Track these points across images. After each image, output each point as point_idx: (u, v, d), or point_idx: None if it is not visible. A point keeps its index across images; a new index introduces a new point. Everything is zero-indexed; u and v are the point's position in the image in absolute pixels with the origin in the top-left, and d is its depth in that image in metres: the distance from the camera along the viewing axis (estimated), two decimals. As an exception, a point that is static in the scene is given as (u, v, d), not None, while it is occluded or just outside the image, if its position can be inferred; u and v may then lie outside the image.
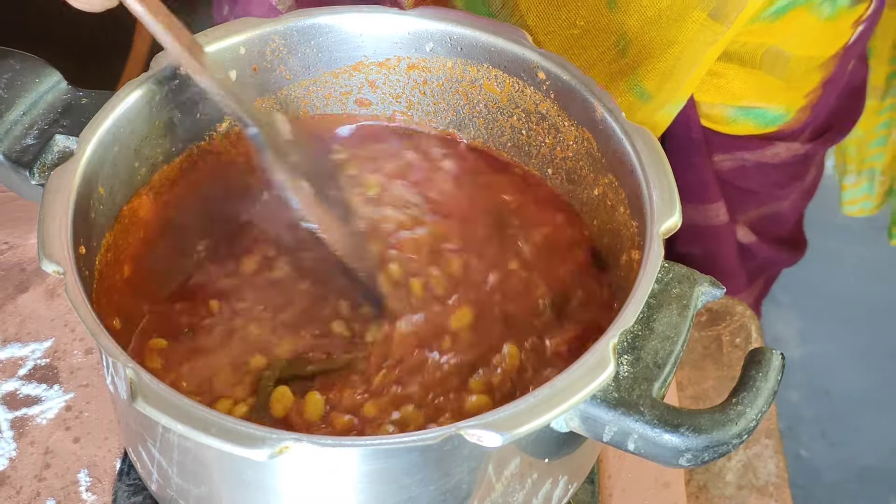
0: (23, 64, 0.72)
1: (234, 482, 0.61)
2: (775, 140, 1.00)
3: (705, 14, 0.84)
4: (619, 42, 0.86)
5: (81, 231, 0.64)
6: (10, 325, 0.84)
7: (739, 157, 1.00)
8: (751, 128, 0.98)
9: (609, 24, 0.85)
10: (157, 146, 0.72)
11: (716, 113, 0.96)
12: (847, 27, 0.94)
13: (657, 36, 0.85)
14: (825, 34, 0.94)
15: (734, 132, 0.98)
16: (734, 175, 1.01)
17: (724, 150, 1.00)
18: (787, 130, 1.00)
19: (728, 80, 0.94)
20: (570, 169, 0.74)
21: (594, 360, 0.58)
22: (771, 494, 0.79)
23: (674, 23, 0.85)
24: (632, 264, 0.66)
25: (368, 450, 0.57)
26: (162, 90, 0.71)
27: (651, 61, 0.87)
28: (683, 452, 0.58)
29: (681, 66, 0.87)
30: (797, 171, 1.05)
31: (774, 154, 1.01)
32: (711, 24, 0.85)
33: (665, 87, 0.88)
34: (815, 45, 0.94)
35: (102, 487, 0.76)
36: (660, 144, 0.67)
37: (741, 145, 1.00)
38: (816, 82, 0.97)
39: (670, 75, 0.87)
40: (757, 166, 1.01)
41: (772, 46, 0.92)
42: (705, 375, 0.85)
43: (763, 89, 0.95)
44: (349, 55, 0.77)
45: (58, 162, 0.68)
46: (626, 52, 0.86)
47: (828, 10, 0.91)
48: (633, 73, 0.87)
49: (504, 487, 0.62)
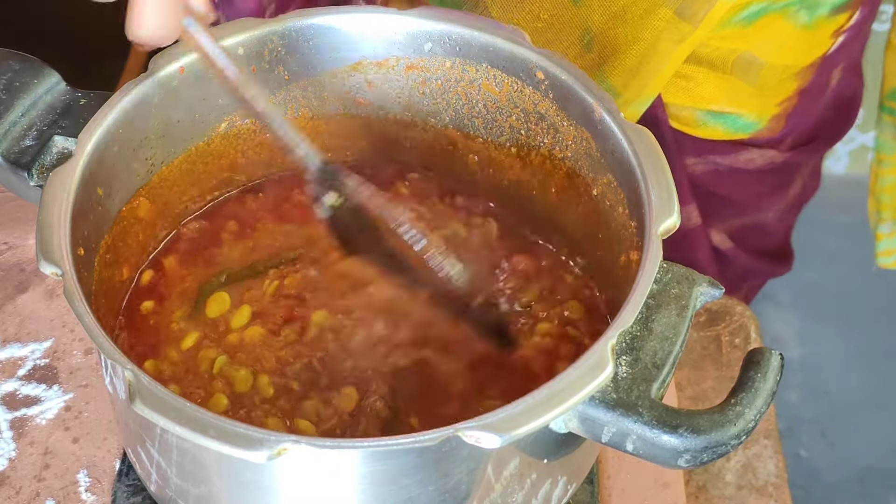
0: (22, 65, 0.72)
1: (232, 483, 0.61)
2: (748, 146, 0.98)
3: (671, 11, 0.83)
4: (584, 37, 0.85)
5: (80, 232, 0.64)
6: (10, 326, 0.84)
7: (711, 161, 0.98)
8: (720, 133, 0.96)
9: (573, 18, 0.84)
10: (157, 147, 0.72)
11: (685, 115, 0.95)
12: (826, 37, 0.92)
13: (622, 32, 0.85)
14: (802, 43, 0.92)
15: (704, 136, 0.96)
16: (707, 179, 0.99)
17: (696, 154, 0.98)
18: (762, 139, 0.98)
19: (697, 84, 0.92)
20: (569, 169, 0.74)
21: (593, 360, 0.58)
22: (770, 495, 0.79)
23: (639, 19, 0.84)
24: (630, 265, 0.66)
25: (367, 451, 0.57)
26: (161, 91, 0.71)
27: (617, 57, 0.86)
28: (682, 453, 0.58)
29: (647, 64, 0.86)
30: (779, 180, 1.03)
31: (748, 160, 0.98)
32: (678, 22, 0.83)
33: (631, 85, 0.87)
34: (791, 54, 0.92)
35: (102, 488, 0.76)
36: (658, 145, 0.67)
37: (712, 149, 0.98)
38: (791, 91, 0.95)
39: (636, 73, 0.86)
40: (730, 171, 0.99)
41: (744, 52, 0.90)
42: (704, 376, 0.85)
43: (733, 95, 0.93)
44: (348, 55, 0.77)
45: (56, 163, 0.68)
46: (592, 48, 0.85)
47: (805, 18, 0.89)
48: (600, 69, 0.87)
49: (503, 488, 0.62)
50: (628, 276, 0.65)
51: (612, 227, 0.71)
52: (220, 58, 0.64)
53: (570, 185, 0.75)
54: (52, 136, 0.69)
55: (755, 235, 1.07)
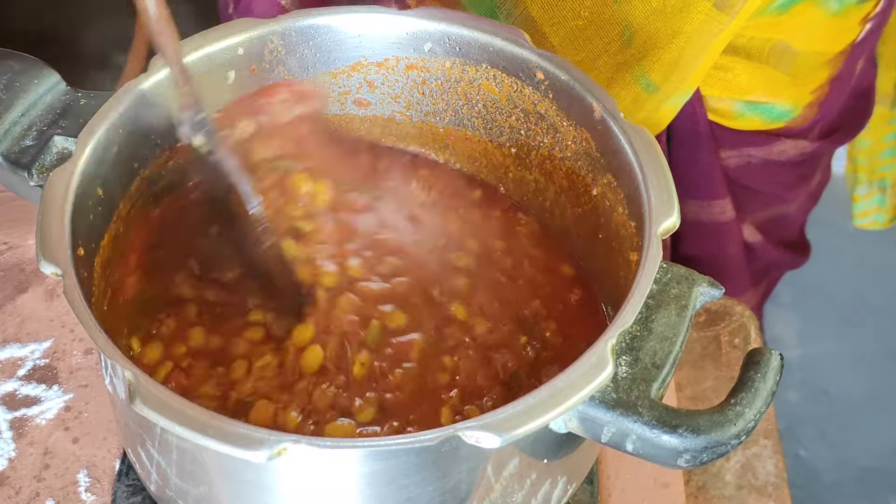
0: (22, 65, 0.72)
1: (232, 483, 0.61)
2: (782, 136, 1.00)
3: (710, 4, 0.84)
4: (624, 33, 0.85)
5: (80, 232, 0.64)
6: (10, 326, 0.84)
7: (746, 154, 1.00)
8: (757, 123, 0.98)
9: (613, 15, 0.85)
10: (157, 147, 0.72)
11: (722, 107, 0.96)
12: (855, 24, 0.94)
13: (662, 26, 0.85)
14: (832, 30, 0.94)
15: (741, 127, 0.98)
16: (740, 173, 1.01)
17: (731, 146, 0.99)
18: (795, 128, 0.99)
19: (735, 74, 0.94)
20: (568, 169, 0.75)
21: (593, 360, 0.58)
22: (770, 495, 0.79)
23: (678, 13, 0.85)
24: (630, 265, 0.66)
25: (366, 451, 0.57)
26: (161, 91, 0.71)
27: (656, 52, 0.86)
28: (682, 453, 0.58)
29: (686, 57, 0.87)
30: (804, 171, 1.04)
31: (781, 151, 1.00)
32: (716, 14, 0.84)
33: (671, 79, 0.88)
34: (823, 41, 0.94)
35: (101, 488, 0.76)
36: (658, 145, 0.67)
37: (748, 141, 0.99)
38: (823, 79, 0.97)
39: (675, 66, 0.87)
40: (764, 164, 1.01)
41: (779, 41, 0.92)
42: (704, 376, 0.85)
43: (770, 84, 0.95)
44: (348, 55, 0.77)
45: (56, 163, 0.68)
46: (631, 43, 0.86)
47: (835, 5, 0.91)
48: (639, 64, 0.87)
49: (503, 488, 0.62)
50: (628, 276, 0.65)
51: (612, 227, 0.71)
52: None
53: (570, 185, 0.75)
54: (52, 136, 0.69)
55: (779, 227, 1.09)
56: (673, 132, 0.97)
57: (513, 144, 0.77)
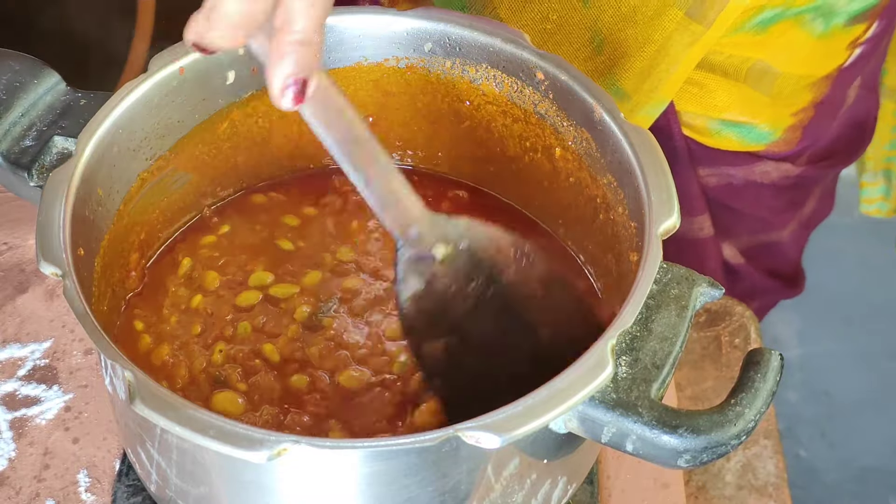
0: (22, 65, 0.72)
1: (232, 483, 0.61)
2: (764, 158, 0.97)
3: (682, 13, 0.82)
4: (594, 39, 0.84)
5: (80, 233, 0.64)
6: (10, 326, 0.84)
7: (726, 173, 0.97)
8: (735, 143, 0.95)
9: (583, 20, 0.84)
10: (157, 147, 0.72)
11: (698, 123, 0.94)
12: (842, 48, 0.91)
13: (633, 34, 0.84)
14: (817, 52, 0.91)
15: (718, 146, 0.95)
16: (721, 192, 0.98)
17: (709, 164, 0.97)
18: (778, 152, 0.97)
19: (710, 91, 0.91)
20: (568, 169, 0.74)
21: (593, 361, 0.58)
22: (770, 495, 0.79)
23: (649, 20, 0.83)
24: (630, 265, 0.66)
25: (366, 451, 0.57)
26: (161, 91, 0.71)
27: (627, 60, 0.85)
28: (682, 453, 0.58)
29: (658, 67, 0.85)
30: (793, 196, 1.02)
31: (764, 172, 0.97)
32: (689, 23, 0.83)
33: (642, 88, 0.87)
34: (806, 63, 0.91)
35: (102, 488, 0.76)
36: (658, 145, 0.67)
37: (727, 160, 0.97)
38: (806, 102, 0.94)
39: (647, 75, 0.86)
40: (745, 185, 0.98)
41: (758, 61, 0.89)
42: (704, 376, 0.85)
43: (747, 103, 0.92)
44: (348, 55, 0.77)
45: (56, 163, 0.68)
46: (602, 50, 0.85)
47: (820, 27, 0.88)
48: (610, 71, 0.86)
49: (503, 488, 0.62)
50: (628, 277, 0.65)
51: (612, 227, 0.71)
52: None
53: (570, 185, 0.75)
54: (52, 136, 0.69)
55: (768, 254, 1.06)
56: None
57: (513, 144, 0.77)
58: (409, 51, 0.76)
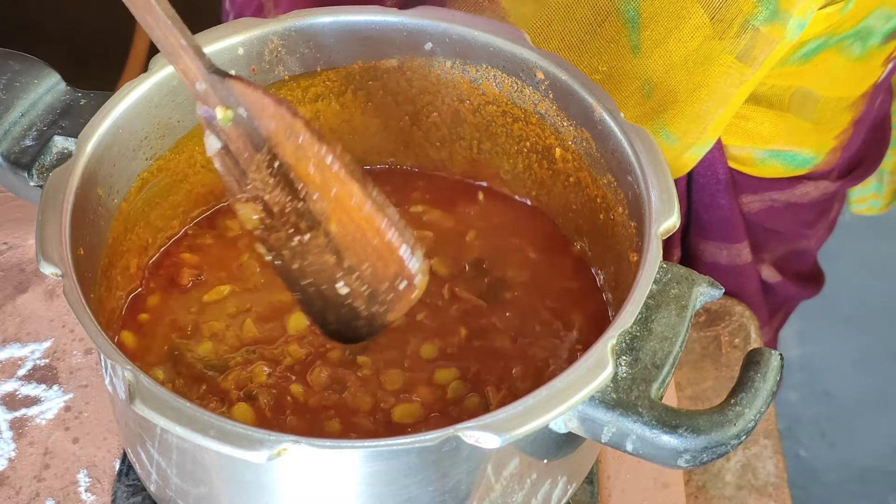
0: (22, 65, 0.72)
1: (232, 483, 0.61)
2: (804, 179, 0.97)
3: (733, 57, 0.82)
4: (644, 87, 0.83)
5: (80, 232, 0.64)
6: (10, 326, 0.84)
7: (768, 198, 0.97)
8: (780, 170, 0.96)
9: (633, 70, 0.83)
10: (157, 147, 0.72)
11: (744, 155, 0.94)
12: (877, 65, 0.92)
13: (683, 80, 0.83)
14: (855, 74, 0.91)
15: (763, 174, 0.96)
16: (763, 217, 0.99)
17: (753, 191, 0.97)
18: (818, 172, 0.97)
19: (757, 124, 0.92)
20: (568, 169, 0.74)
21: (593, 361, 0.58)
22: (770, 495, 0.79)
23: (700, 66, 0.83)
24: (630, 265, 0.66)
25: (367, 451, 0.57)
26: (161, 91, 0.71)
27: (677, 105, 0.85)
28: (682, 453, 0.58)
29: (708, 110, 0.85)
30: (824, 207, 1.02)
31: (804, 193, 0.98)
32: (739, 66, 0.82)
33: (691, 131, 0.86)
34: (845, 86, 0.92)
35: (102, 488, 0.76)
36: (658, 145, 0.67)
37: (770, 186, 0.97)
38: (847, 123, 0.95)
39: (696, 118, 0.85)
40: (787, 206, 0.98)
41: (800, 88, 0.90)
42: (704, 376, 0.85)
43: (792, 132, 0.93)
44: (348, 55, 0.77)
45: (56, 163, 0.68)
46: (651, 96, 0.84)
47: (858, 49, 0.88)
48: (659, 116, 0.85)
49: (503, 488, 0.62)
50: (628, 277, 0.65)
51: (612, 227, 0.71)
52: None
53: (570, 185, 0.75)
54: (52, 136, 0.69)
55: (796, 261, 1.06)
56: (693, 178, 0.95)
57: (513, 145, 0.77)
58: (410, 51, 0.76)
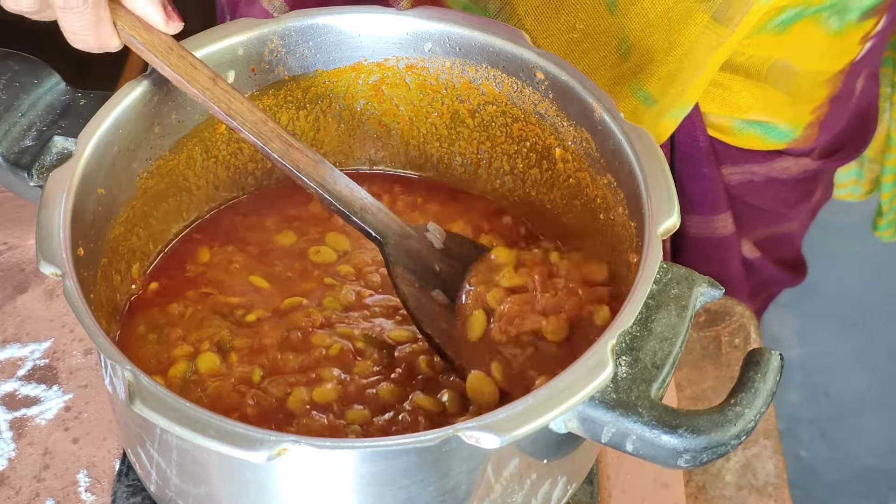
0: (21, 65, 0.72)
1: (232, 483, 0.61)
2: (785, 154, 0.98)
3: (708, 16, 0.83)
4: (621, 46, 0.85)
5: (80, 233, 0.64)
6: (10, 326, 0.84)
7: (748, 170, 0.98)
8: (758, 142, 0.96)
9: (610, 28, 0.84)
10: (157, 147, 0.72)
11: (722, 123, 0.95)
12: (855, 42, 0.93)
13: (659, 39, 0.84)
14: (832, 48, 0.92)
15: (742, 144, 0.97)
16: (743, 190, 0.99)
17: (732, 163, 0.98)
18: (798, 148, 0.98)
19: (734, 93, 0.92)
20: (568, 169, 0.74)
21: (592, 361, 0.58)
22: (770, 495, 0.79)
23: (676, 25, 0.84)
24: (630, 265, 0.66)
25: (366, 451, 0.57)
26: (161, 91, 0.71)
27: (654, 65, 0.86)
28: (682, 453, 0.58)
29: (684, 70, 0.86)
30: (807, 188, 1.03)
31: (784, 168, 0.98)
32: (715, 26, 0.83)
33: (669, 92, 0.87)
34: (823, 60, 0.93)
35: (101, 488, 0.76)
36: (658, 145, 0.67)
37: (750, 158, 0.98)
38: (823, 98, 0.96)
39: (674, 79, 0.86)
40: (766, 181, 0.99)
41: (779, 60, 0.90)
42: (704, 376, 0.85)
43: (769, 103, 0.94)
44: (348, 55, 0.77)
45: (56, 163, 0.68)
46: (629, 56, 0.85)
47: (836, 24, 0.89)
48: (636, 77, 0.87)
49: (503, 488, 0.62)
50: (628, 277, 0.65)
51: (612, 227, 0.71)
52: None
53: (570, 185, 0.75)
54: (52, 136, 0.69)
55: (779, 245, 1.07)
56: (675, 149, 0.96)
57: (512, 145, 0.77)
58: (409, 51, 0.76)
